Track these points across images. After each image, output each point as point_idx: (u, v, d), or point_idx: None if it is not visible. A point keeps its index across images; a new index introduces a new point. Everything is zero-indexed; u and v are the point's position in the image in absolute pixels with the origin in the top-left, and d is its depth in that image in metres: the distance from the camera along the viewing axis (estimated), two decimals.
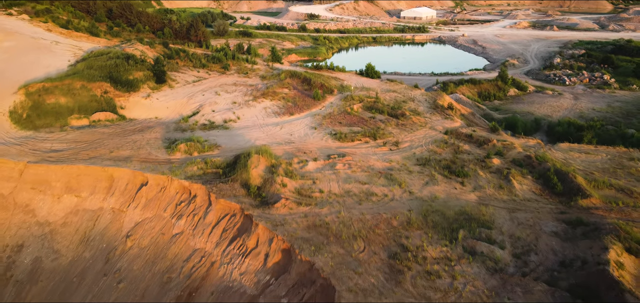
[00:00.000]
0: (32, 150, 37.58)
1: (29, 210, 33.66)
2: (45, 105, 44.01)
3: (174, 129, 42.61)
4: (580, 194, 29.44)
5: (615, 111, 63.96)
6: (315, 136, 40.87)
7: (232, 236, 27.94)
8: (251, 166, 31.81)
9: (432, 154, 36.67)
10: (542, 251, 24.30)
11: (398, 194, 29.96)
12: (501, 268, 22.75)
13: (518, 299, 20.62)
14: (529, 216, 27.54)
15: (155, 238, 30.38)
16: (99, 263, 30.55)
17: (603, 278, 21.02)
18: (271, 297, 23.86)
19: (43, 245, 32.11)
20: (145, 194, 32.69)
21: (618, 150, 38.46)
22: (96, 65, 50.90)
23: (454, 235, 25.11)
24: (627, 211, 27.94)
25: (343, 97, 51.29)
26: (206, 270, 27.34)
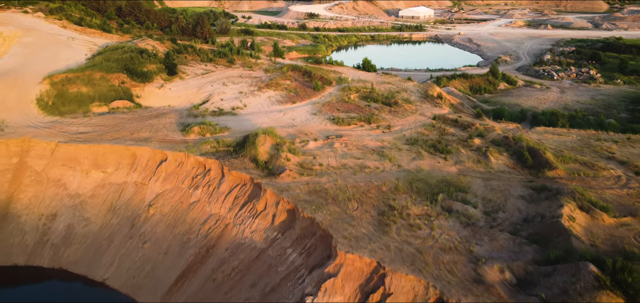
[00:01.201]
0: (60, 132, 41.73)
1: (61, 184, 37.83)
2: (69, 94, 48.16)
3: (186, 115, 46.77)
4: (548, 167, 33.63)
5: (598, 103, 67.94)
6: (315, 121, 45.06)
7: (243, 202, 32.12)
8: (259, 144, 35.97)
9: (420, 135, 40.88)
10: (509, 210, 28.51)
11: (388, 167, 34.17)
12: (473, 222, 26.94)
13: (485, 245, 24.81)
14: (501, 184, 31.75)
15: (175, 206, 34.56)
16: (125, 228, 34.73)
17: (556, 228, 25.22)
18: (278, 248, 28.06)
19: (74, 214, 36.28)
20: (165, 169, 36.86)
21: (588, 132, 42.68)
22: (113, 58, 55.09)
23: (434, 197, 29.30)
24: (587, 180, 32.14)
25: (341, 88, 55.47)
26: (221, 230, 31.52)
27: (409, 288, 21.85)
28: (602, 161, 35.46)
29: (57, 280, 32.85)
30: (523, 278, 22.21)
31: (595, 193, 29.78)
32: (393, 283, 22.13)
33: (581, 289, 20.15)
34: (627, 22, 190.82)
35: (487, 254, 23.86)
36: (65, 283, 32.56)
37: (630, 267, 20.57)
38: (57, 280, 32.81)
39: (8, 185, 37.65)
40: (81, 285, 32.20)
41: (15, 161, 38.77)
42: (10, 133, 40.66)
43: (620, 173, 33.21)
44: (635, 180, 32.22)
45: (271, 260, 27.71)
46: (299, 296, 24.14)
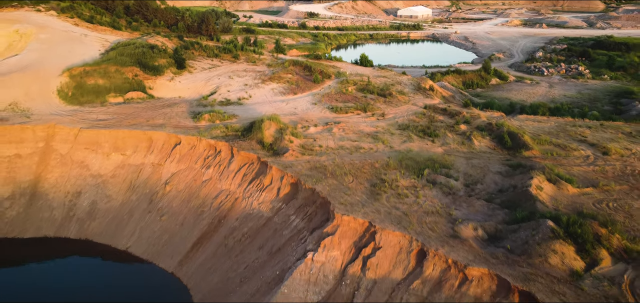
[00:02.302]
0: (81, 119, 45.49)
1: (84, 165, 41.59)
2: (87, 86, 51.91)
3: (196, 105, 50.54)
4: (525, 148, 37.42)
5: (584, 97, 71.61)
6: (315, 109, 48.84)
7: (251, 178, 35.91)
8: (264, 128, 39.74)
9: (411, 122, 44.66)
10: (486, 183, 32.30)
11: (381, 148, 37.95)
12: (454, 192, 30.73)
13: (463, 209, 28.60)
14: (481, 162, 35.55)
15: (189, 183, 38.33)
16: (144, 204, 38.50)
17: (524, 195, 29.02)
18: (283, 216, 31.86)
19: (97, 192, 40.06)
20: (179, 151, 40.63)
21: (565, 119, 46.49)
22: (126, 53, 58.83)
23: (421, 172, 33.07)
24: (559, 159, 35.92)
25: (339, 81, 59.26)
26: (231, 203, 35.29)
27: (396, 242, 25.64)
28: (575, 143, 39.26)
29: (80, 256, 36.62)
30: (493, 234, 26.01)
31: (564, 169, 33.55)
32: (382, 239, 25.92)
33: (539, 239, 23.94)
34: (621, 21, 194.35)
35: (464, 216, 27.66)
36: (93, 251, 36.33)
37: (581, 222, 24.39)
38: (80, 257, 36.58)
39: (36, 166, 41.40)
40: (108, 251, 35.98)
41: (42, 145, 42.50)
42: (36, 120, 44.39)
43: (589, 154, 37.01)
44: (602, 159, 36.01)
45: (277, 225, 31.51)
46: (301, 253, 27.93)
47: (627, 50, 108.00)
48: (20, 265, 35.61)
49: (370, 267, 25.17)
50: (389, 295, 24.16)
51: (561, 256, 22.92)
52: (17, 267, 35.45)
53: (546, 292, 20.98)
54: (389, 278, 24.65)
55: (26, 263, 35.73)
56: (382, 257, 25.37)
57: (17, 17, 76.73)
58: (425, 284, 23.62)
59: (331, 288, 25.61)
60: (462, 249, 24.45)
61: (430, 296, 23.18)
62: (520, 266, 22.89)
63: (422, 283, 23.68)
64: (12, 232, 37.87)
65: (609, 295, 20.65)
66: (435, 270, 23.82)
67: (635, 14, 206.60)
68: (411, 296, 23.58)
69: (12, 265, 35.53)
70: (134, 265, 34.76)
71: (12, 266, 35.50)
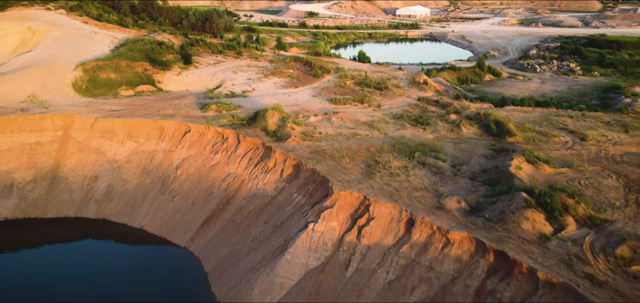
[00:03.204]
0: (96, 110, 48.57)
1: (100, 152, 44.68)
2: (100, 79, 55.00)
3: (203, 97, 53.63)
4: (509, 134, 40.54)
5: (573, 92, 74.62)
6: (315, 101, 51.95)
7: (256, 161, 39.01)
8: (268, 117, 42.83)
9: (405, 112, 47.77)
10: (471, 164, 35.42)
11: (376, 135, 41.07)
12: (441, 172, 33.84)
13: (448, 186, 31.71)
14: (468, 146, 38.67)
15: (199, 167, 41.43)
16: (157, 186, 41.60)
17: (504, 173, 32.14)
18: (286, 194, 34.97)
19: (113, 176, 43.15)
20: (189, 139, 43.71)
21: (550, 110, 49.58)
22: (135, 48, 61.92)
23: (412, 155, 36.18)
24: (540, 144, 39.05)
25: (338, 76, 62.36)
26: (238, 185, 38.39)
27: (387, 213, 28.75)
28: (556, 131, 42.39)
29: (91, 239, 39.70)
30: (474, 206, 29.13)
31: (543, 153, 36.65)
32: (375, 210, 29.03)
33: (514, 209, 27.06)
34: (617, 21, 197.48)
35: (449, 192, 30.77)
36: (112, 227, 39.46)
37: (551, 194, 27.52)
38: (99, 234, 39.66)
39: (55, 153, 44.47)
40: (125, 228, 39.10)
41: (61, 133, 45.56)
42: (54, 110, 47.45)
43: (568, 139, 40.15)
44: (580, 144, 39.14)
45: (280, 203, 34.62)
46: (303, 224, 31.04)
47: (618, 48, 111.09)
48: (52, 243, 38.69)
49: (365, 235, 28.27)
50: (381, 258, 27.27)
51: (532, 222, 26.04)
52: (50, 245, 38.52)
53: (517, 250, 24.09)
54: (381, 244, 27.76)
55: (55, 242, 38.83)
56: (375, 226, 28.47)
57: (28, 15, 79.81)
58: (413, 248, 26.73)
59: (330, 255, 28.72)
60: (446, 218, 27.56)
61: (417, 258, 26.30)
62: (496, 231, 26.01)
63: (410, 247, 26.80)
64: (35, 212, 40.96)
65: (571, 253, 23.76)
66: (421, 236, 26.93)
67: (631, 14, 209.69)
68: (401, 258, 26.69)
69: (50, 242, 38.62)
70: (148, 241, 37.82)
71: (50, 243, 38.59)
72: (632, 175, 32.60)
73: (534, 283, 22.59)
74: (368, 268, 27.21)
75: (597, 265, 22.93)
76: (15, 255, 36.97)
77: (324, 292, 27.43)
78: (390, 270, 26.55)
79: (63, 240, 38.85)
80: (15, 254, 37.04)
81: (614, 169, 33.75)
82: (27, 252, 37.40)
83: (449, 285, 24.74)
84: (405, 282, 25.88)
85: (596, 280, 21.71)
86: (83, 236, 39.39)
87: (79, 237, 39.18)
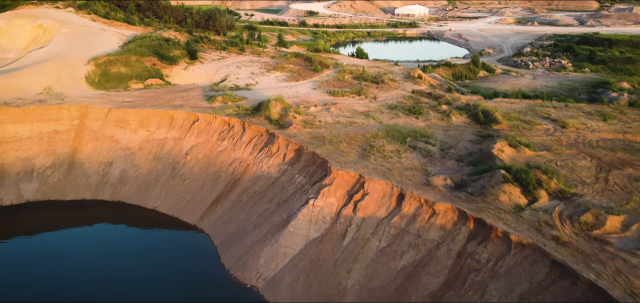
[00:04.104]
0: (109, 101, 51.65)
1: (114, 140, 47.77)
2: (111, 73, 58.10)
3: (209, 90, 56.73)
4: (495, 122, 43.66)
5: (563, 87, 77.67)
6: (315, 93, 55.07)
7: (261, 147, 42.12)
8: (271, 107, 45.93)
9: (399, 103, 50.89)
10: (459, 148, 38.55)
11: (372, 123, 44.18)
12: (431, 154, 36.96)
13: (437, 166, 34.83)
14: (456, 133, 41.80)
15: (207, 153, 44.53)
16: (168, 171, 44.70)
17: (487, 155, 35.26)
18: (288, 175, 38.09)
19: (127, 162, 46.24)
20: (197, 127, 46.80)
21: (535, 101, 52.70)
22: (144, 44, 65.00)
23: (404, 140, 39.30)
24: (523, 131, 42.16)
25: (337, 70, 65.47)
26: (244, 169, 41.50)
27: (380, 189, 31.87)
28: (539, 119, 45.53)
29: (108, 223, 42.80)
30: (459, 183, 32.25)
31: (526, 139, 39.75)
32: (369, 187, 32.15)
33: (493, 184, 30.18)
34: (612, 20, 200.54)
35: (437, 171, 33.90)
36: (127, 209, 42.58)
37: (526, 170, 30.65)
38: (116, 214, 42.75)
39: (72, 140, 47.57)
40: (139, 209, 42.20)
41: (77, 123, 48.66)
42: (69, 101, 50.54)
43: (550, 127, 43.28)
44: (560, 131, 42.27)
45: (283, 183, 37.74)
46: (304, 201, 34.15)
47: (610, 46, 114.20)
48: (72, 224, 41.78)
49: (360, 209, 31.39)
50: (374, 228, 30.40)
51: (509, 195, 29.17)
52: (71, 228, 41.62)
53: (494, 218, 27.21)
54: (375, 216, 30.89)
55: (74, 223, 41.93)
56: (369, 201, 31.59)
57: (39, 14, 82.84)
58: (402, 219, 29.86)
59: (328, 226, 31.85)
60: (433, 192, 30.69)
61: (407, 227, 29.43)
62: (476, 203, 29.13)
63: (400, 218, 29.92)
64: (55, 195, 44.07)
65: (541, 220, 26.88)
66: (410, 208, 30.06)
67: (626, 13, 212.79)
68: (392, 228, 29.82)
69: (70, 222, 41.72)
70: (161, 220, 40.92)
71: (70, 224, 41.68)
72: (604, 158, 35.72)
73: (507, 245, 25.72)
74: (363, 238, 30.32)
75: (563, 229, 26.06)
76: (52, 231, 40.06)
77: (323, 259, 30.55)
78: (382, 238, 29.67)
79: (79, 223, 41.83)
80: (52, 231, 40.13)
81: (588, 152, 36.87)
82: (55, 232, 40.51)
83: (434, 249, 27.86)
84: (395, 248, 29.00)
85: (561, 241, 24.84)
86: (99, 217, 42.43)
87: (94, 220, 42.13)
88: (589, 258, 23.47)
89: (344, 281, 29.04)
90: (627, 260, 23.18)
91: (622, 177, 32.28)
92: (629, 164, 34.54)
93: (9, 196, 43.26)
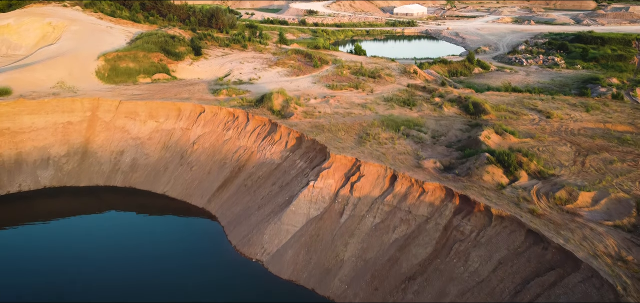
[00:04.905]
0: (119, 94, 54.38)
1: (125, 130, 50.50)
2: (120, 68, 60.84)
3: (214, 84, 59.47)
4: (484, 113, 46.44)
5: (555, 83, 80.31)
6: (315, 87, 57.83)
7: (264, 135, 44.87)
8: (274, 98, 48.69)
9: (395, 96, 53.67)
10: (449, 135, 41.33)
11: (368, 113, 46.95)
12: (422, 141, 39.74)
13: (428, 151, 37.60)
14: (448, 122, 44.58)
15: (213, 142, 47.28)
16: (176, 159, 47.45)
17: (474, 141, 38.04)
18: (290, 161, 40.85)
19: (137, 151, 48.98)
20: (204, 118, 49.55)
21: (524, 94, 55.47)
22: (151, 41, 67.73)
23: (398, 128, 42.07)
24: (510, 120, 44.95)
25: (336, 66, 68.24)
26: (248, 156, 44.25)
27: (375, 171, 34.64)
28: (526, 110, 48.32)
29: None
30: (447, 166, 35.02)
31: (511, 127, 42.54)
32: (365, 169, 34.92)
33: (478, 165, 32.97)
34: (608, 19, 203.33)
35: (427, 155, 36.68)
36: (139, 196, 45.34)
37: (508, 153, 33.43)
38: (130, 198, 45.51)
39: (85, 131, 50.29)
40: (150, 194, 44.96)
41: (89, 114, 51.38)
42: (82, 94, 53.25)
43: (536, 117, 46.07)
44: (545, 121, 45.05)
45: (285, 168, 40.51)
46: (305, 183, 36.92)
47: (603, 44, 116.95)
48: (86, 210, 44.53)
49: (356, 189, 34.16)
50: (369, 206, 33.17)
51: (492, 175, 31.95)
52: (85, 215, 44.36)
53: (477, 194, 29.99)
54: (370, 196, 33.66)
55: (88, 210, 44.69)
56: (364, 182, 34.36)
57: (47, 12, 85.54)
58: (395, 197, 32.64)
59: (327, 205, 34.61)
60: (423, 173, 33.47)
61: (399, 204, 32.20)
62: (462, 182, 31.91)
63: (393, 197, 32.70)
64: (70, 181, 46.80)
65: (520, 196, 29.66)
66: (402, 187, 32.83)
67: (622, 12, 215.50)
68: (385, 206, 32.60)
69: (85, 208, 44.47)
70: (171, 204, 43.67)
71: (85, 209, 44.43)
72: (583, 144, 38.52)
73: (488, 217, 28.50)
74: (358, 215, 33.10)
75: (539, 204, 28.85)
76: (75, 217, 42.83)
77: (323, 235, 33.32)
78: (376, 215, 32.44)
79: (93, 208, 44.54)
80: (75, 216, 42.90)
81: (569, 139, 39.68)
82: (70, 218, 43.27)
83: (423, 223, 30.64)
84: (388, 223, 31.77)
85: (536, 213, 27.63)
86: (112, 201, 45.15)
87: (107, 205, 44.82)
88: (560, 227, 26.25)
89: (341, 253, 31.81)
90: (594, 229, 25.96)
91: (598, 161, 35.07)
92: (606, 150, 37.35)
93: (27, 182, 45.99)
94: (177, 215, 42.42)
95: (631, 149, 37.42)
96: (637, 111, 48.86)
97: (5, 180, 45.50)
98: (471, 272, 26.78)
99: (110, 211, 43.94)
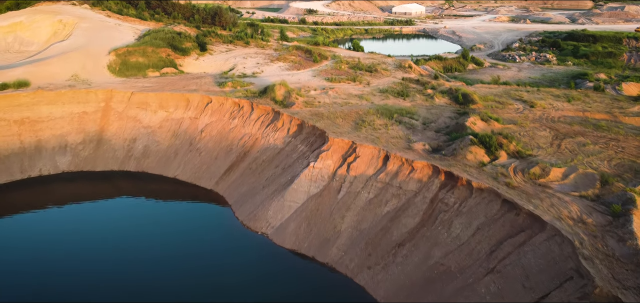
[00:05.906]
0: (131, 86, 57.80)
1: (137, 120, 53.93)
2: (130, 62, 64.26)
3: (219, 77, 62.91)
4: (472, 102, 49.88)
5: (545, 78, 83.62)
6: (315, 80, 61.29)
7: (267, 123, 48.32)
8: (276, 90, 52.13)
9: (390, 88, 57.13)
10: (438, 122, 44.80)
11: (364, 103, 50.41)
12: (414, 127, 43.20)
13: (418, 136, 41.06)
14: (438, 111, 48.04)
15: (220, 130, 50.71)
16: (185, 146, 50.88)
17: (461, 126, 41.49)
18: (292, 145, 44.30)
19: (149, 138, 52.41)
20: (211, 108, 52.98)
21: (511, 87, 58.91)
22: (158, 37, 71.16)
23: (392, 116, 45.52)
24: (496, 110, 48.40)
25: (334, 61, 71.69)
26: (253, 142, 47.69)
27: (369, 152, 38.08)
28: (512, 100, 51.76)
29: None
30: (436, 148, 38.48)
31: (497, 115, 45.99)
32: (360, 151, 38.37)
33: (463, 146, 36.42)
34: (603, 18, 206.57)
35: (418, 139, 40.13)
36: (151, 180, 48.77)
37: (490, 135, 36.89)
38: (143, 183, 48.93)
39: (100, 120, 53.72)
40: (161, 178, 48.41)
41: (103, 105, 54.81)
42: (96, 87, 56.67)
43: (520, 106, 49.53)
44: (529, 110, 48.49)
45: (287, 152, 43.96)
46: (305, 164, 40.37)
47: (594, 41, 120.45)
48: (100, 195, 47.95)
49: (352, 169, 37.60)
50: (364, 183, 36.61)
51: (475, 154, 35.41)
52: (103, 200, 47.78)
53: (460, 171, 33.43)
54: (364, 174, 37.10)
55: (102, 195, 48.10)
56: (360, 162, 37.81)
57: (57, 10, 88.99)
58: (387, 175, 36.09)
59: (326, 184, 38.06)
60: (413, 154, 36.92)
61: (391, 181, 35.65)
62: (448, 161, 35.36)
63: (386, 175, 36.15)
64: (86, 166, 50.26)
65: (498, 172, 33.11)
66: (394, 166, 36.28)
67: (618, 11, 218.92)
68: (378, 183, 36.05)
69: (100, 193, 47.89)
70: (182, 186, 47.12)
71: (100, 194, 47.85)
72: (561, 130, 41.98)
73: (469, 190, 31.95)
74: (354, 191, 36.55)
75: (515, 178, 32.31)
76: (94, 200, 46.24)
77: (322, 209, 36.77)
78: (370, 191, 35.89)
79: (108, 192, 47.99)
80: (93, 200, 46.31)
81: (549, 126, 43.13)
82: (88, 203, 46.71)
83: (412, 197, 34.10)
84: (381, 198, 35.23)
85: (511, 186, 31.08)
86: (126, 186, 48.56)
87: (120, 190, 48.23)
88: (531, 197, 29.71)
89: (339, 225, 35.27)
90: (561, 198, 29.43)
91: (572, 143, 38.53)
92: (582, 134, 40.81)
93: (47, 167, 49.43)
94: (187, 196, 45.85)
95: (604, 134, 40.87)
96: (616, 102, 52.33)
97: (26, 165, 48.95)
98: (453, 237, 30.24)
99: (124, 196, 47.32)
